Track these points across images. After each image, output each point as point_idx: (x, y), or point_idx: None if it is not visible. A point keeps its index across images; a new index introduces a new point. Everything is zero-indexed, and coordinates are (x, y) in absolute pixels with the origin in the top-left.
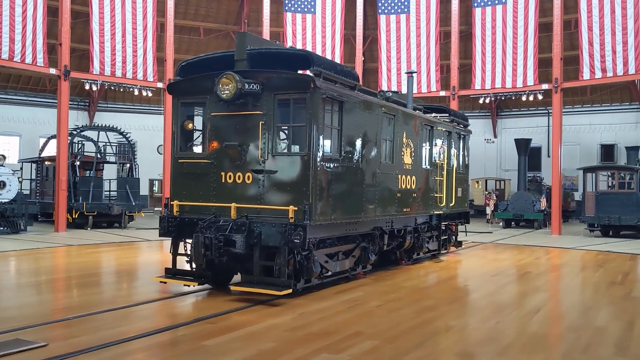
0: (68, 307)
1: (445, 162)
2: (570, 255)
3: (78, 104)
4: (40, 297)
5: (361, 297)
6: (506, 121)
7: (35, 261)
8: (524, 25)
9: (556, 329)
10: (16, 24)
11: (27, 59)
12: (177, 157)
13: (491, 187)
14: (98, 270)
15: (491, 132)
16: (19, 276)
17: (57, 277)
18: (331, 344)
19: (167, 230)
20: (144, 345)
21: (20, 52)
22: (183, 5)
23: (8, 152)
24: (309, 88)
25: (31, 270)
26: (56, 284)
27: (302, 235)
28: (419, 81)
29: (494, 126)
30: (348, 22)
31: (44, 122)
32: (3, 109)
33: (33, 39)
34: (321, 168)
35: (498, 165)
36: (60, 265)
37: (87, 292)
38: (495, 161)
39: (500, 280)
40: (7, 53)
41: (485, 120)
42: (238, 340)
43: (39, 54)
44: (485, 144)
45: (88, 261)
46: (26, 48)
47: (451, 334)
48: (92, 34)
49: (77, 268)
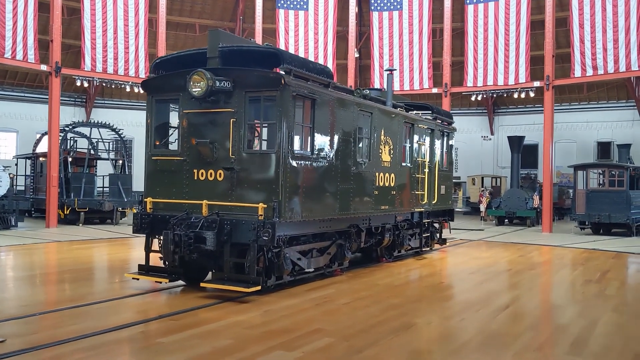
0: (33, 304)
1: (428, 160)
2: (554, 253)
3: (75, 100)
4: (6, 294)
5: (332, 294)
6: (503, 118)
7: (16, 257)
8: (516, 22)
9: (517, 328)
10: (6, 20)
11: (17, 55)
12: (151, 154)
13: (487, 184)
14: (77, 267)
15: (488, 130)
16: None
17: (34, 273)
18: (287, 341)
19: (141, 227)
20: (97, 343)
21: (11, 49)
22: (179, 2)
23: (5, 149)
24: (278, 85)
25: (9, 267)
26: (30, 281)
27: (270, 232)
28: (411, 78)
29: (491, 123)
30: (343, 19)
31: (40, 118)
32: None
33: (24, 35)
34: (292, 165)
35: (495, 162)
36: (41, 262)
37: (58, 289)
38: (492, 158)
39: (476, 278)
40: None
41: (482, 117)
42: (195, 338)
43: (30, 50)
44: (482, 141)
45: (70, 257)
46: (17, 44)
47: (410, 332)
48: (83, 31)
49: (57, 264)
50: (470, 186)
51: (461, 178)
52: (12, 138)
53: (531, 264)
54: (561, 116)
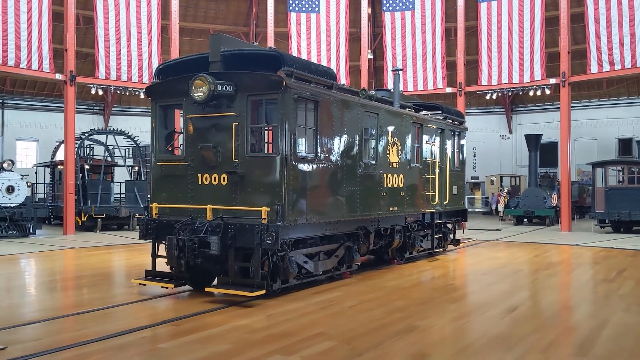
0: (40, 310)
1: (438, 160)
2: (571, 252)
3: (93, 108)
4: (14, 301)
5: (338, 297)
6: (521, 117)
7: (29, 265)
8: (530, 18)
9: (523, 329)
10: (21, 30)
11: (33, 65)
12: (157, 159)
13: (507, 184)
14: (89, 273)
15: (506, 128)
16: (2, 280)
17: (43, 280)
18: (287, 345)
19: (147, 233)
20: (99, 348)
21: (26, 59)
22: (192, 8)
23: (26, 157)
24: (279, 88)
25: (20, 274)
26: (39, 287)
27: (274, 236)
28: (424, 78)
29: (509, 122)
30: (357, 20)
31: (60, 126)
32: (21, 115)
33: (39, 45)
34: (295, 168)
35: (514, 161)
36: (53, 269)
37: (65, 295)
38: (511, 157)
39: (487, 279)
40: (13, 60)
41: (499, 116)
42: (195, 343)
43: (45, 60)
44: (500, 140)
45: (83, 264)
46: (32, 54)
47: (413, 335)
48: (97, 39)
49: (68, 270)
50: (489, 186)
51: (480, 178)
52: (33, 147)
53: (546, 263)
54: (581, 113)
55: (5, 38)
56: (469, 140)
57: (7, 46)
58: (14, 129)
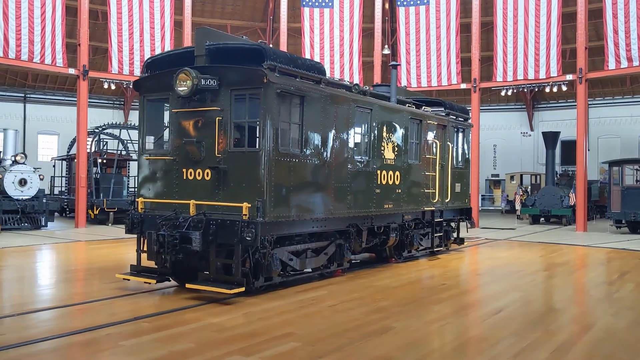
0: (14, 305)
1: (439, 157)
2: (580, 253)
3: (114, 103)
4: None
5: (321, 296)
6: (543, 114)
7: (26, 257)
8: (546, 13)
9: (501, 332)
10: (35, 25)
11: (46, 59)
12: (144, 154)
13: (527, 182)
14: (82, 267)
15: (527, 126)
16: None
17: (31, 274)
18: (250, 345)
19: (132, 227)
20: (58, 345)
21: (40, 53)
22: (210, 4)
23: (48, 151)
24: (262, 82)
25: (12, 267)
26: (21, 281)
27: (254, 232)
28: (439, 74)
29: (530, 119)
30: (372, 15)
31: None
32: (42, 109)
33: (52, 40)
34: (278, 164)
35: (535, 159)
36: (49, 262)
37: (45, 289)
38: (532, 155)
39: (482, 280)
40: (26, 54)
41: (520, 113)
42: (158, 341)
43: (58, 54)
44: (521, 138)
45: (82, 257)
46: (45, 49)
47: (383, 337)
48: (110, 34)
49: (62, 264)
50: (508, 184)
51: (500, 175)
52: (54, 140)
53: (548, 264)
54: (604, 110)
55: (19, 33)
56: (489, 138)
57: (21, 41)
58: (35, 122)
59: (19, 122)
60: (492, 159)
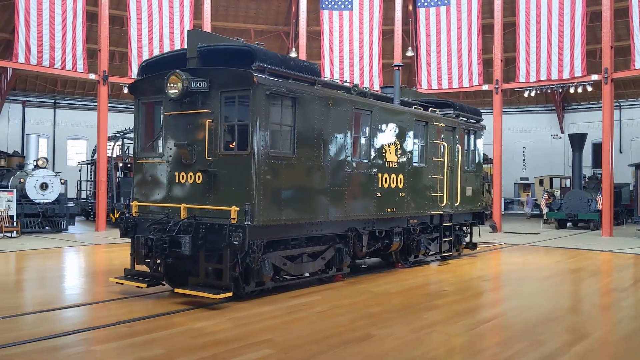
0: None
1: (447, 160)
2: (599, 258)
3: None
4: None
5: (313, 301)
6: (574, 115)
7: (35, 260)
8: (570, 12)
9: (487, 342)
10: (56, 32)
11: (67, 65)
12: (138, 157)
13: (557, 185)
14: (85, 270)
15: (557, 128)
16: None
17: (32, 276)
18: (223, 352)
19: (126, 231)
20: (31, 350)
21: (61, 59)
22: (233, 8)
23: (77, 156)
24: (251, 84)
25: (17, 270)
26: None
27: (241, 236)
28: (460, 75)
29: (560, 121)
30: (392, 17)
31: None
32: (71, 115)
33: (73, 45)
34: (268, 167)
35: (565, 162)
36: (55, 265)
37: (43, 292)
38: (563, 158)
39: (485, 286)
40: (47, 60)
41: (550, 114)
42: (131, 346)
43: (79, 60)
44: (551, 140)
45: (90, 261)
46: (66, 55)
47: (362, 345)
48: (130, 39)
49: (65, 267)
50: (537, 187)
51: (529, 179)
52: (83, 145)
53: (562, 270)
54: (637, 112)
55: (40, 39)
56: (518, 140)
57: (42, 47)
58: (64, 128)
59: (49, 128)
60: (522, 162)
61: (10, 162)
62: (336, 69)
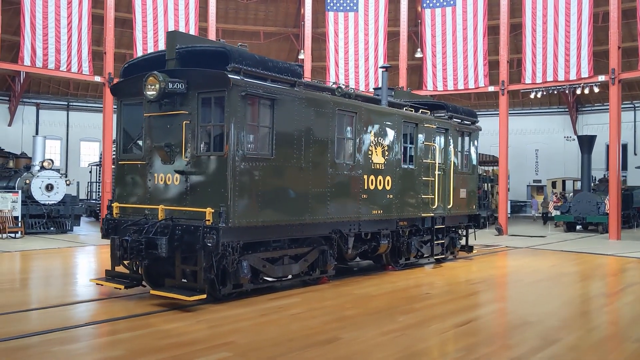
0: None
1: (440, 161)
2: (598, 262)
3: None
4: None
5: (292, 304)
6: (587, 117)
7: (30, 260)
8: (577, 12)
9: (454, 346)
10: (61, 35)
11: (72, 68)
12: (119, 159)
13: (569, 188)
14: (72, 271)
15: (571, 129)
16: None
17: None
18: (181, 354)
19: (107, 232)
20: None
21: (66, 62)
22: (243, 10)
23: (90, 157)
24: (226, 85)
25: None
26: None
27: (215, 238)
28: (465, 76)
29: (574, 123)
30: (398, 19)
31: None
32: (84, 117)
33: (78, 48)
34: (244, 168)
35: (579, 164)
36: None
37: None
38: (576, 160)
39: (472, 289)
40: (53, 63)
41: (563, 116)
42: (93, 347)
43: (85, 62)
44: (564, 142)
45: (82, 261)
46: (72, 57)
47: (326, 347)
48: (135, 42)
49: (55, 267)
50: (550, 190)
51: (542, 181)
52: (96, 147)
53: (554, 274)
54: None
55: (46, 42)
56: (530, 142)
57: (48, 50)
58: (78, 130)
59: (62, 130)
60: (534, 164)
61: (18, 163)
62: (341, 70)
